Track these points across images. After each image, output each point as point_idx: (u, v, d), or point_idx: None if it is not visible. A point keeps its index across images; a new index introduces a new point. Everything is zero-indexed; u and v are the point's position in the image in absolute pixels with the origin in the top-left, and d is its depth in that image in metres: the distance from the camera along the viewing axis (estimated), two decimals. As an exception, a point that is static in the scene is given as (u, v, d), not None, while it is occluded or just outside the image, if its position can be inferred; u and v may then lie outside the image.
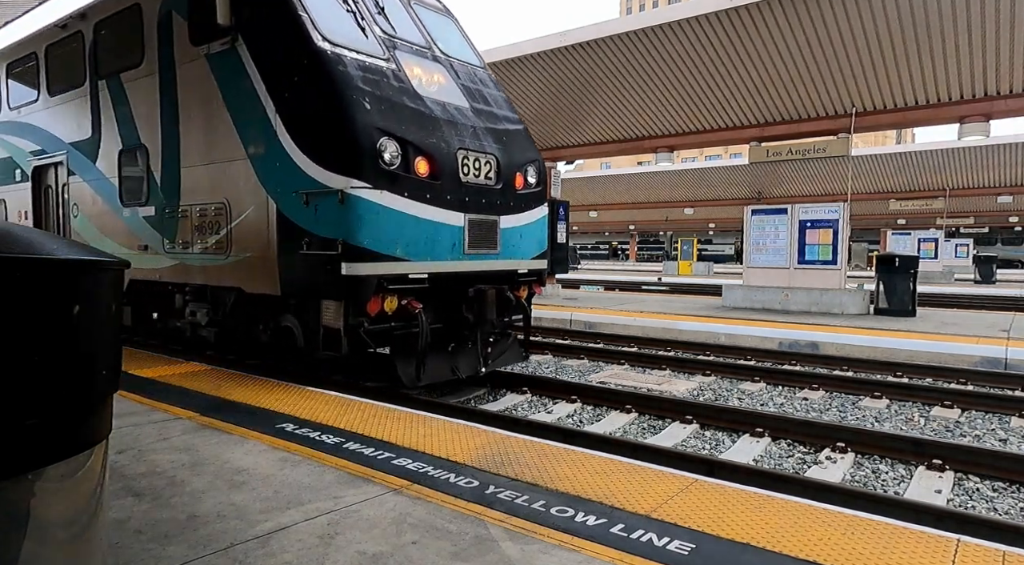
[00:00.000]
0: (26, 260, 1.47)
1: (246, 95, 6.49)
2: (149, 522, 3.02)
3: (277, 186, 6.18)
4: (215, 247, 6.96)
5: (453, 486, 3.48)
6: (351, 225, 5.61)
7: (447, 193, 6.35)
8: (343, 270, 5.62)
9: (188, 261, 7.40)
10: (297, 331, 6.55)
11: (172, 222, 7.59)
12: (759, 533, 2.92)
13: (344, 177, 5.67)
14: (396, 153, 5.85)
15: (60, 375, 1.56)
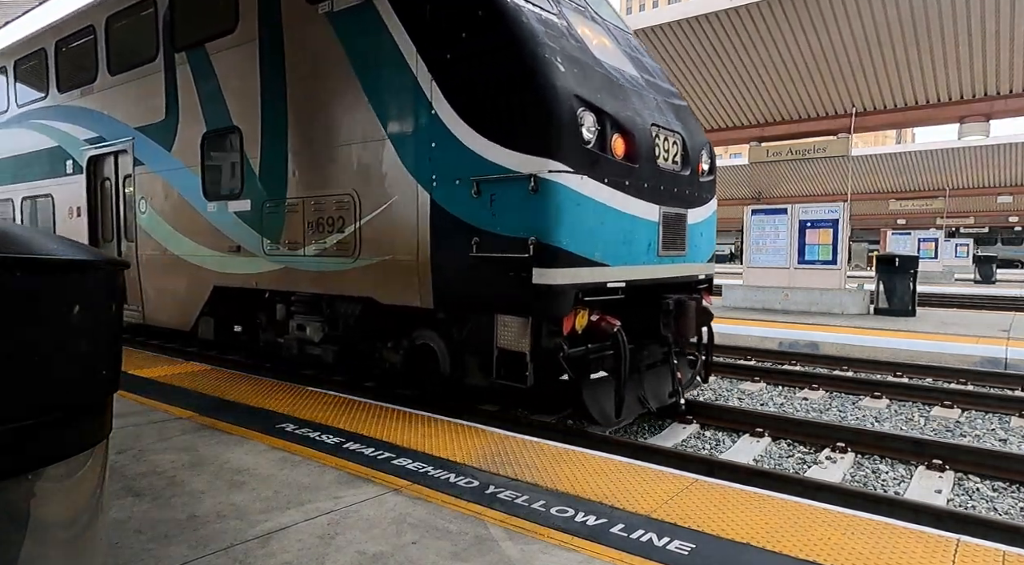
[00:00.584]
0: (26, 260, 1.47)
1: (387, 59, 5.38)
2: (149, 522, 3.02)
3: (432, 172, 5.11)
4: (337, 249, 5.91)
5: (453, 486, 3.47)
6: (547, 220, 4.56)
7: (644, 180, 5.30)
8: (534, 277, 4.58)
9: (297, 265, 6.33)
10: (441, 353, 5.61)
11: (276, 219, 6.52)
12: (759, 533, 2.92)
13: (538, 158, 4.59)
14: (594, 128, 4.82)
15: (60, 375, 1.56)
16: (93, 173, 9.37)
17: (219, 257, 7.28)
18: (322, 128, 6.01)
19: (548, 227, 4.56)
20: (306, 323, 6.59)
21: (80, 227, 9.52)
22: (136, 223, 8.57)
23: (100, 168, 9.30)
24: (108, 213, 9.30)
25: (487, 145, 4.80)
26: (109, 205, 9.28)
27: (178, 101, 7.67)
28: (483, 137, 4.82)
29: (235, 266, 7.08)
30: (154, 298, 8.50)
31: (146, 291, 8.59)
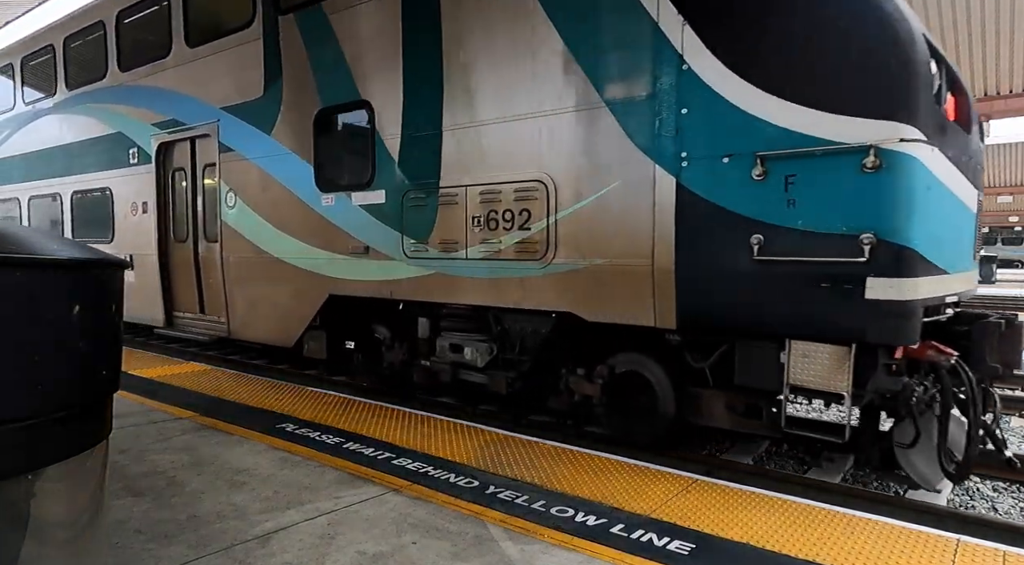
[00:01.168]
0: (26, 260, 1.47)
1: (607, 1, 4.31)
2: (149, 522, 3.02)
3: (681, 147, 3.99)
4: (517, 251, 4.79)
5: (453, 486, 3.47)
6: (894, 210, 3.43)
7: (968, 153, 4.29)
8: (870, 290, 3.44)
9: (455, 271, 5.21)
10: (660, 385, 4.65)
11: (422, 213, 5.40)
12: (759, 533, 2.92)
13: (883, 123, 3.42)
14: (937, 83, 3.69)
15: (60, 375, 1.56)
16: (163, 162, 8.21)
17: (338, 260, 6.13)
18: (495, 96, 4.89)
19: (896, 220, 3.39)
20: (466, 342, 5.42)
21: (145, 225, 8.48)
22: (220, 220, 7.35)
23: (172, 156, 8.17)
24: (182, 209, 8.15)
25: (784, 107, 3.62)
26: (183, 199, 8.10)
27: (281, 74, 6.51)
28: (775, 97, 3.65)
29: (360, 271, 5.95)
30: (244, 308, 7.30)
31: (233, 300, 7.40)
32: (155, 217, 8.31)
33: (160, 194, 8.28)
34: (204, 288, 7.91)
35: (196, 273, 7.97)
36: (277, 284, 6.84)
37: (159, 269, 8.33)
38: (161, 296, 8.36)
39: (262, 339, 7.33)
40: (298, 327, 6.69)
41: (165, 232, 8.33)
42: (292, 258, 6.65)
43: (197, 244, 7.93)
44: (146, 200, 8.42)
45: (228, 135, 7.22)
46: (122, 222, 8.94)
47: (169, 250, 8.34)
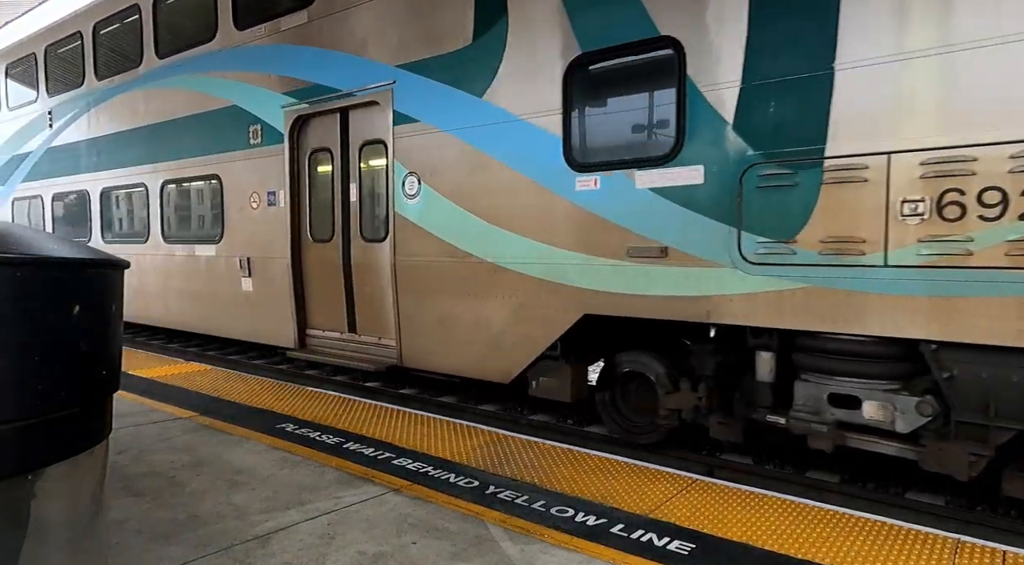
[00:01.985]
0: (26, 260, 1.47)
1: None
2: (149, 522, 3.02)
3: None
4: (1014, 253, 3.23)
5: (453, 486, 3.48)
6: None
7: None
8: None
9: (855, 284, 3.66)
10: None
11: (787, 197, 3.86)
12: (759, 533, 2.92)
13: None
14: None
15: (60, 375, 1.56)
16: (298, 141, 6.82)
17: (599, 267, 4.62)
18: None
19: None
20: (869, 393, 3.81)
21: (270, 221, 7.13)
22: (392, 213, 5.89)
23: (313, 133, 6.73)
24: (324, 200, 6.75)
25: None
26: (327, 188, 6.71)
27: (506, 10, 5.04)
28: None
29: (644, 282, 4.42)
30: (427, 329, 5.76)
31: (408, 317, 5.91)
32: (286, 211, 6.86)
33: (294, 182, 6.84)
34: (358, 300, 6.52)
35: (346, 281, 6.59)
36: (489, 297, 5.24)
37: (291, 276, 6.96)
38: (292, 310, 6.98)
39: (457, 370, 5.67)
40: (525, 356, 5.09)
41: (300, 228, 6.92)
42: (517, 263, 5.07)
43: (348, 245, 6.55)
44: (273, 190, 7.00)
45: (408, 101, 5.68)
46: (236, 218, 7.56)
47: (304, 252, 6.95)
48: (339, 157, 6.56)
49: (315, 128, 6.75)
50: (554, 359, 5.02)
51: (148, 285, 9.22)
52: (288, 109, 6.81)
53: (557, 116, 4.80)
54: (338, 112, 6.46)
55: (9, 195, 12.41)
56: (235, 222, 7.63)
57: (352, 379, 7.44)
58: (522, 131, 5.00)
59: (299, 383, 6.52)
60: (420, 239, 5.74)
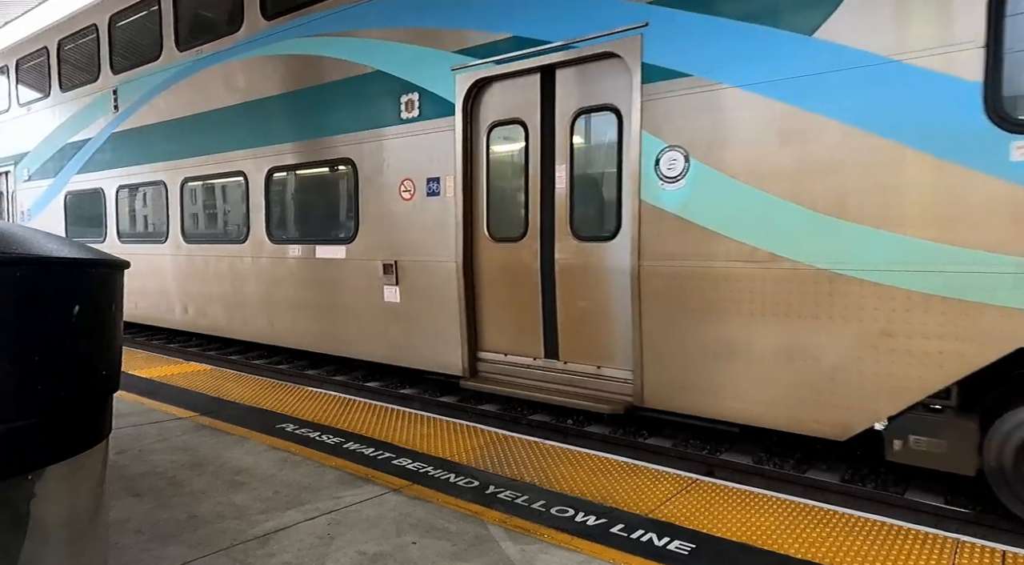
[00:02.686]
0: (26, 260, 1.47)
1: None
2: (149, 522, 3.02)
3: None
4: None
5: (453, 486, 3.48)
6: None
7: None
8: None
9: None
10: None
11: None
12: (759, 533, 2.92)
13: None
14: None
15: (60, 375, 1.56)
16: (474, 113, 5.56)
17: None
18: None
19: None
20: None
21: (428, 216, 5.87)
22: (635, 204, 4.58)
23: (495, 101, 5.44)
24: (513, 187, 5.51)
25: None
26: (518, 171, 5.41)
27: None
28: None
29: None
30: (692, 358, 4.48)
31: (657, 340, 4.62)
32: (456, 202, 5.57)
33: (467, 165, 5.55)
34: (563, 317, 5.21)
35: (545, 291, 5.28)
36: (817, 319, 3.94)
37: (460, 284, 5.64)
38: (461, 328, 5.67)
39: (746, 417, 4.33)
40: (886, 406, 3.78)
41: (472, 226, 5.63)
42: (880, 270, 3.72)
43: (550, 244, 5.24)
44: (435, 176, 5.71)
45: (670, 49, 4.39)
46: (377, 212, 6.29)
47: (478, 254, 5.64)
48: (538, 131, 5.19)
49: (500, 94, 5.40)
50: (938, 411, 3.66)
51: (247, 295, 7.83)
52: (462, 72, 5.41)
53: (975, 52, 3.38)
54: (539, 72, 5.12)
55: (62, 189, 10.88)
56: (375, 217, 6.28)
57: (352, 379, 7.44)
58: (896, 79, 3.58)
59: (299, 383, 6.52)
60: (684, 237, 4.37)
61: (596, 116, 5.01)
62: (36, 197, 11.58)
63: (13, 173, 12.12)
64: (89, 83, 10.01)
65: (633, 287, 4.68)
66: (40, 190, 11.49)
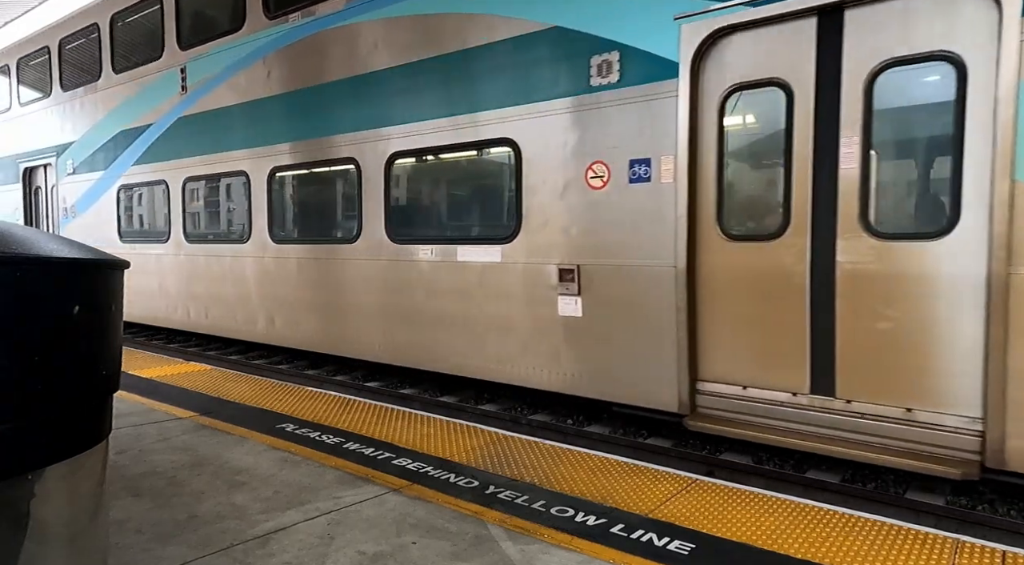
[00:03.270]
0: (26, 259, 1.47)
1: None
2: (149, 522, 3.02)
3: None
4: None
5: (453, 486, 3.47)
6: None
7: None
8: None
9: None
10: None
11: None
12: (759, 533, 2.92)
13: None
14: None
15: (60, 375, 1.56)
16: (705, 75, 4.45)
17: None
18: None
19: None
20: None
21: (635, 206, 4.76)
22: (1011, 187, 3.50)
23: (738, 59, 4.34)
24: (763, 167, 4.49)
25: None
26: (774, 148, 4.34)
27: None
28: None
29: None
30: None
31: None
32: (676, 189, 4.49)
33: (693, 141, 4.46)
34: (842, 339, 4.11)
35: (814, 304, 4.18)
36: None
37: (680, 294, 4.55)
38: (678, 350, 4.59)
39: None
40: None
41: (695, 220, 4.54)
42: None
43: (831, 243, 4.12)
44: (642, 157, 4.61)
45: None
46: (547, 204, 5.18)
47: (704, 256, 4.55)
48: (809, 94, 4.12)
49: (747, 49, 4.29)
50: None
51: (358, 307, 6.66)
52: (691, 20, 4.35)
53: None
54: (815, 14, 4.04)
55: (113, 182, 9.75)
56: (545, 210, 5.17)
57: (352, 379, 7.44)
58: None
59: (299, 383, 6.52)
60: None
61: (911, 70, 3.82)
62: (81, 192, 10.43)
63: (55, 166, 10.93)
64: (150, 62, 8.87)
65: (990, 302, 3.57)
66: (87, 184, 10.32)
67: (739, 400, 4.51)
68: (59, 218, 11.07)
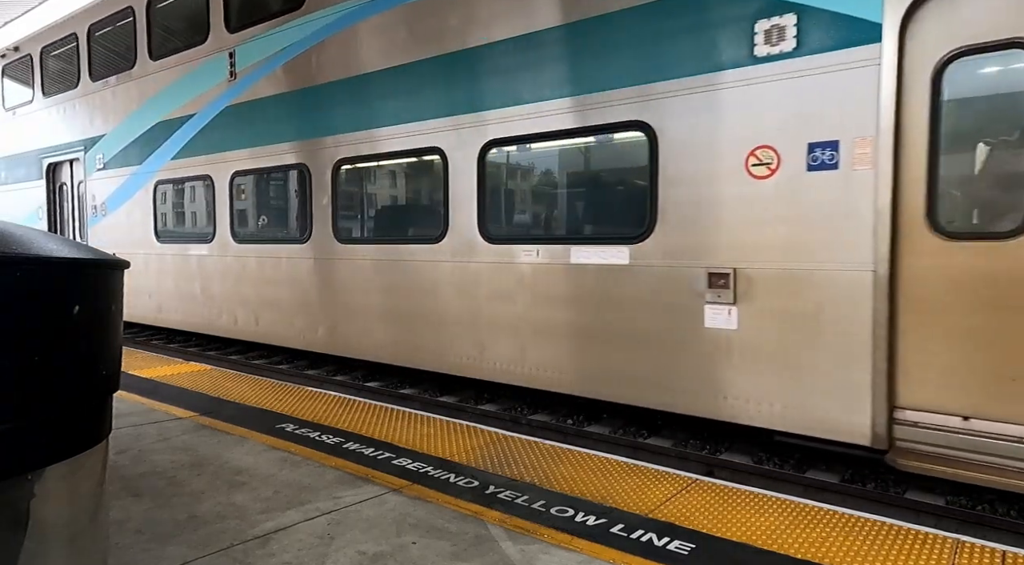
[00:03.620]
0: (26, 259, 1.47)
1: None
2: (149, 522, 3.02)
3: None
4: None
5: (453, 486, 3.47)
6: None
7: None
8: None
9: None
10: None
11: None
12: (759, 533, 2.92)
13: None
14: None
15: (60, 375, 1.56)
16: (913, 40, 3.77)
17: None
18: None
19: None
20: None
21: (810, 198, 4.08)
22: None
23: (960, 16, 3.64)
24: (988, 150, 3.75)
25: None
26: (1009, 126, 3.65)
27: None
28: None
29: None
30: None
31: None
32: (880, 176, 3.79)
33: (898, 119, 3.77)
34: None
35: None
36: None
37: (879, 305, 3.85)
38: (873, 372, 3.90)
39: None
40: None
41: (898, 213, 3.82)
42: None
43: None
44: (829, 139, 3.93)
45: None
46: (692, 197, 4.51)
47: (909, 258, 3.83)
48: None
49: (975, 4, 3.55)
50: None
51: (451, 315, 5.95)
52: None
53: None
54: None
55: (149, 177, 9.06)
56: (689, 205, 4.50)
57: (352, 379, 7.44)
58: None
59: (299, 383, 6.52)
60: None
61: None
62: (113, 189, 9.77)
63: (82, 161, 10.24)
64: (194, 47, 8.19)
65: None
66: (119, 180, 9.64)
67: (958, 434, 3.75)
68: (87, 216, 10.34)
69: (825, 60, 3.95)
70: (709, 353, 4.53)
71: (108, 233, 9.89)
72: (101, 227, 10.17)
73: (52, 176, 11.23)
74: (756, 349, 4.33)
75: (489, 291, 5.65)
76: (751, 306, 4.32)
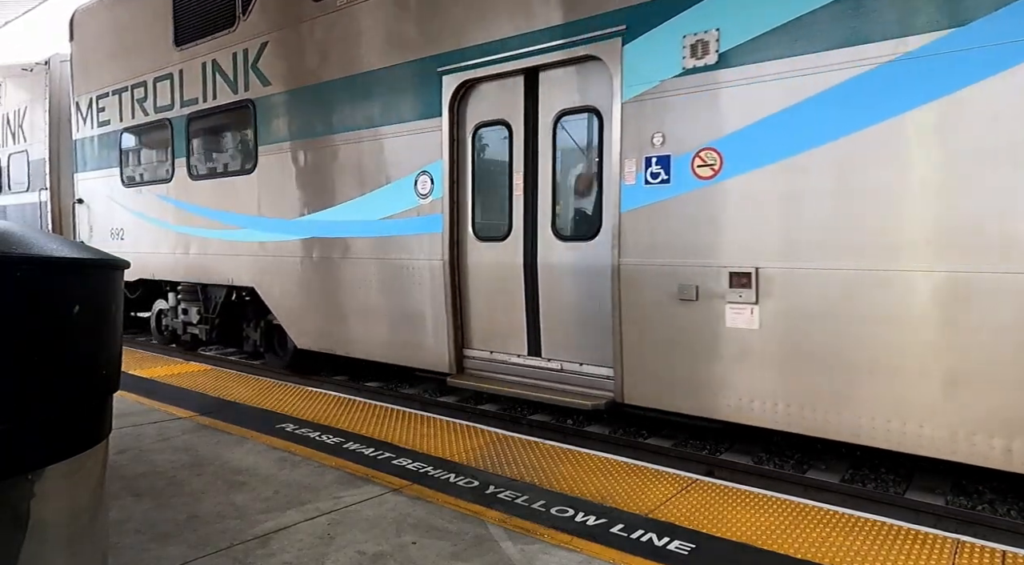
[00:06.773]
0: (26, 259, 1.47)
1: None
2: (149, 522, 3.02)
3: None
4: None
5: (453, 486, 3.48)
6: None
7: None
8: None
9: None
10: None
11: None
12: (759, 533, 2.92)
13: None
14: None
15: (60, 375, 1.56)
16: None
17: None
18: None
19: None
20: None
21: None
22: None
23: None
24: None
25: None
26: None
27: None
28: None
29: None
30: None
31: None
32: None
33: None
34: None
35: None
36: None
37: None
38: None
39: None
40: None
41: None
42: None
43: None
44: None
45: None
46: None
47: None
48: None
49: None
50: None
51: None
52: None
53: None
54: None
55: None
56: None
57: (352, 379, 7.43)
58: None
59: (299, 383, 6.51)
60: None
61: None
62: None
63: None
64: None
65: None
66: None
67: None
68: None
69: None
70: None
71: None
72: None
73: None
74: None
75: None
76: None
